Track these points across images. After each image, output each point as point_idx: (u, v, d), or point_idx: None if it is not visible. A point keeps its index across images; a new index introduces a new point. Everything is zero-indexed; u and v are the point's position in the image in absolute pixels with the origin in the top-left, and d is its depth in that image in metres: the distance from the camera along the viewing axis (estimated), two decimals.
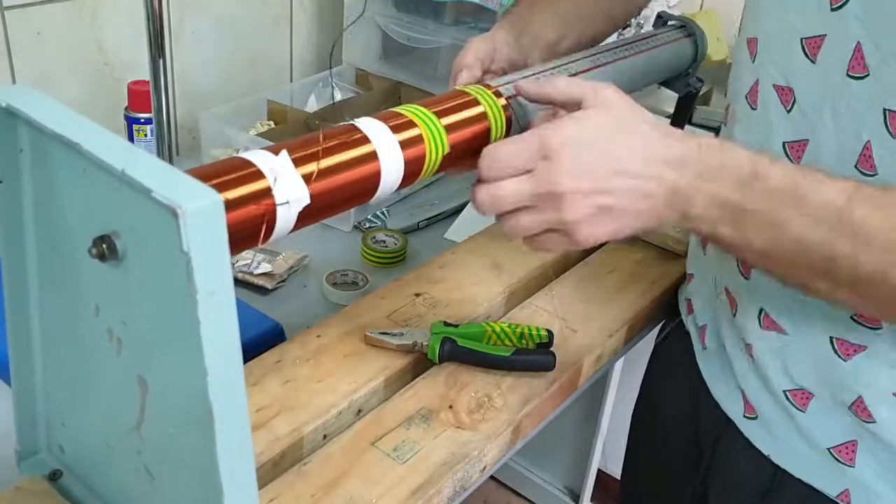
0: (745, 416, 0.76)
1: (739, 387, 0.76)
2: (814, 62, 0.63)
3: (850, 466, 0.68)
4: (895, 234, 0.54)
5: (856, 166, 0.61)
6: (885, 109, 0.59)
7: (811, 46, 0.63)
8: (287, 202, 0.53)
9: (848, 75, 0.61)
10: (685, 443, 0.86)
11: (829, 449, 0.69)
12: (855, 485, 0.68)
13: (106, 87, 1.22)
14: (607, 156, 0.58)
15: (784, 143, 0.66)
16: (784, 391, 0.71)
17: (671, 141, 0.58)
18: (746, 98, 0.71)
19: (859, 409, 0.66)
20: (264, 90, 1.36)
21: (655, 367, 0.99)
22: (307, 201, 0.54)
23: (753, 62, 0.70)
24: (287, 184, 0.53)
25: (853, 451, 0.68)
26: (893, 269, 0.54)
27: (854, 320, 0.65)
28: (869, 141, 0.60)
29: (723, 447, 0.80)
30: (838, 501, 0.70)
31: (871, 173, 0.61)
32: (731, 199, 0.57)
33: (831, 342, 0.66)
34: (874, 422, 0.66)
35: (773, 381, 0.71)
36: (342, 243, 1.10)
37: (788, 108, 0.66)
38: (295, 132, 1.24)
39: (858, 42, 0.60)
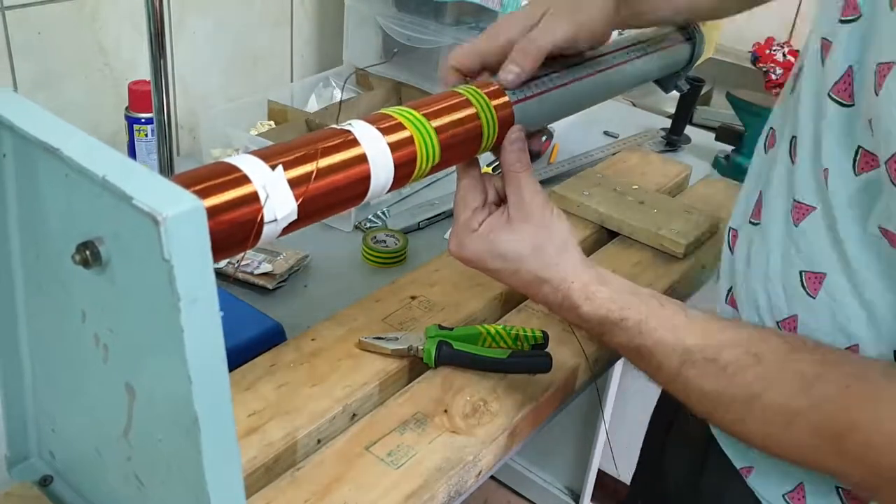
0: None
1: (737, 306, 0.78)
2: (822, 65, 0.60)
3: None
4: (718, 396, 0.61)
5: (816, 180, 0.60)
6: (859, 146, 0.56)
7: (825, 49, 0.60)
8: (275, 220, 0.53)
9: (829, 95, 0.58)
10: None
11: None
12: None
13: (106, 87, 1.22)
14: (509, 273, 0.69)
15: None
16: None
17: (550, 285, 0.68)
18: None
19: None
20: (265, 90, 1.35)
21: None
22: (294, 217, 0.54)
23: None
24: (278, 201, 0.53)
25: None
26: (718, 418, 0.63)
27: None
28: (826, 169, 0.58)
29: None
30: None
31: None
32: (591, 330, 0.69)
33: (800, 275, 0.65)
34: None
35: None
36: (343, 243, 1.09)
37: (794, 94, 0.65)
38: (295, 132, 1.24)
39: (850, 67, 0.56)
